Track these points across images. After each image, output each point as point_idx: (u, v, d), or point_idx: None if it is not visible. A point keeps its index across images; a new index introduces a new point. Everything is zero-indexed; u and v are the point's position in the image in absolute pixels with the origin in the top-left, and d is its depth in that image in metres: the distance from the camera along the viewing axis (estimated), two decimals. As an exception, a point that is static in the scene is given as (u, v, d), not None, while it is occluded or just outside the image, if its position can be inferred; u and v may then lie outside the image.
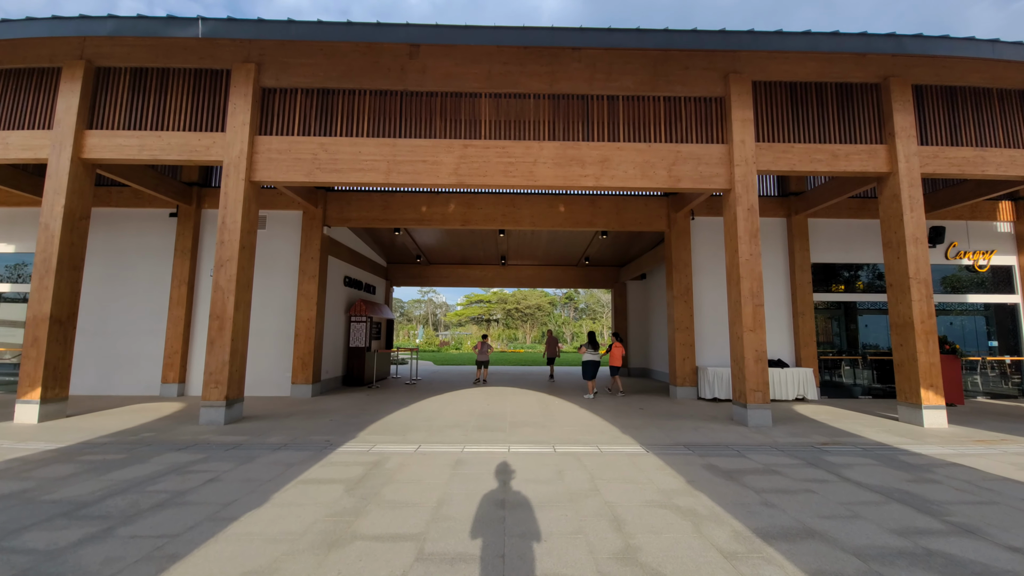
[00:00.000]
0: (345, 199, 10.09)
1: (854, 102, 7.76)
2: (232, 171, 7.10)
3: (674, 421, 7.15)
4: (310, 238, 9.75)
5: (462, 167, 7.27)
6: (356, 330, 11.50)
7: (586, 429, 6.51)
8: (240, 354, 6.97)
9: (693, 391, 9.61)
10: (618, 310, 15.85)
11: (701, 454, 5.23)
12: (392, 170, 7.23)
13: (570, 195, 10.24)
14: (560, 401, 9.30)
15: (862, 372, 10.44)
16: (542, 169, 7.30)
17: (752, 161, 7.30)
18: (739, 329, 7.05)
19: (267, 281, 9.79)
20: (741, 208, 7.18)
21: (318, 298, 9.62)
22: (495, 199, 10.08)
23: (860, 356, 10.38)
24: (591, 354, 10.05)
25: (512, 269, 16.25)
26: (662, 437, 6.05)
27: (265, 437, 5.86)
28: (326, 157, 7.23)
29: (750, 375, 6.86)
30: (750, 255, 7.10)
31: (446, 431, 6.31)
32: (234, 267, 6.90)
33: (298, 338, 9.46)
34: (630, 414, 7.78)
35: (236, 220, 6.99)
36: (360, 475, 4.35)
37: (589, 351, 10.07)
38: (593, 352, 10.06)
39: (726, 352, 9.92)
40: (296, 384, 9.37)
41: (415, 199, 10.08)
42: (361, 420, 6.99)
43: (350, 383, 11.39)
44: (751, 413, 6.79)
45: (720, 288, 10.08)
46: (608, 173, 7.32)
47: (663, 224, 10.16)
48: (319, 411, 7.74)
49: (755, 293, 7.03)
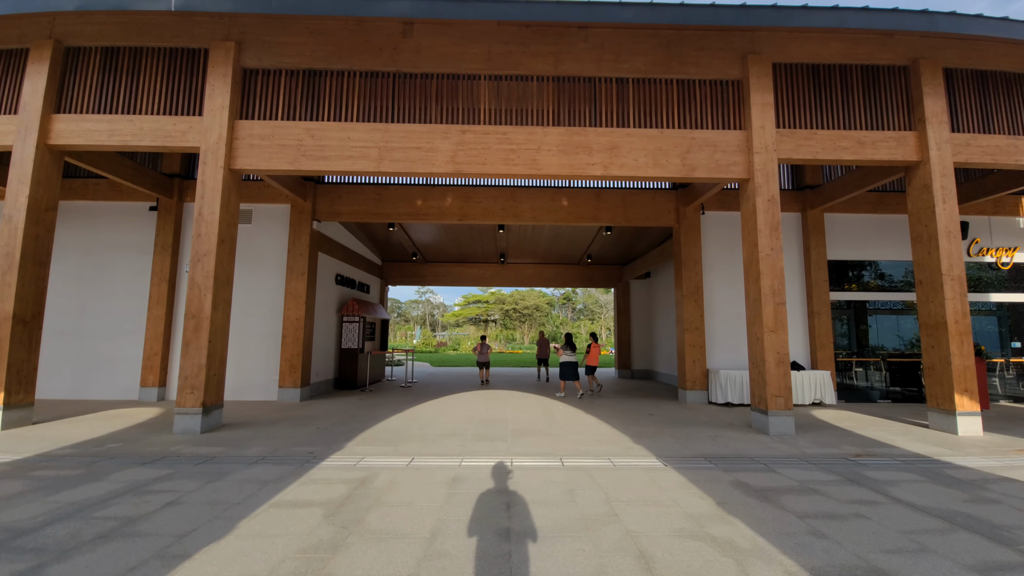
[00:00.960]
0: (336, 192, 9.54)
1: (881, 86, 7.25)
2: (210, 158, 6.54)
3: (688, 429, 6.62)
4: (298, 233, 9.19)
5: (459, 154, 6.73)
6: (348, 331, 10.94)
7: (595, 438, 5.98)
8: (219, 357, 6.41)
9: (703, 395, 9.09)
10: (620, 310, 15.33)
11: (725, 468, 4.70)
12: (384, 157, 6.69)
13: (574, 188, 9.71)
14: (563, 406, 8.76)
15: (878, 375, 9.93)
16: (546, 157, 6.77)
17: (772, 148, 6.78)
18: (759, 330, 6.53)
19: (253, 279, 9.24)
20: (761, 199, 6.66)
21: (307, 297, 9.07)
22: (494, 192, 9.55)
23: (879, 358, 9.86)
24: (568, 355, 10.24)
25: (511, 267, 15.71)
26: (679, 448, 5.51)
27: (243, 449, 5.30)
28: (312, 143, 6.68)
29: (771, 379, 6.34)
30: (771, 250, 6.58)
31: (442, 441, 5.77)
32: (212, 262, 6.34)
33: (285, 339, 8.90)
34: (639, 420, 7.25)
35: (214, 211, 6.44)
36: (343, 496, 3.81)
37: (566, 352, 10.25)
38: (570, 353, 10.23)
39: (739, 354, 9.41)
40: (283, 388, 8.81)
41: (410, 192, 9.54)
42: (350, 428, 6.44)
43: (342, 386, 10.83)
44: (773, 421, 6.27)
45: (732, 286, 9.57)
46: (617, 161, 6.80)
47: (672, 219, 9.64)
48: (306, 417, 7.19)
49: (776, 291, 6.51)
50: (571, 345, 10.16)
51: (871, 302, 10.11)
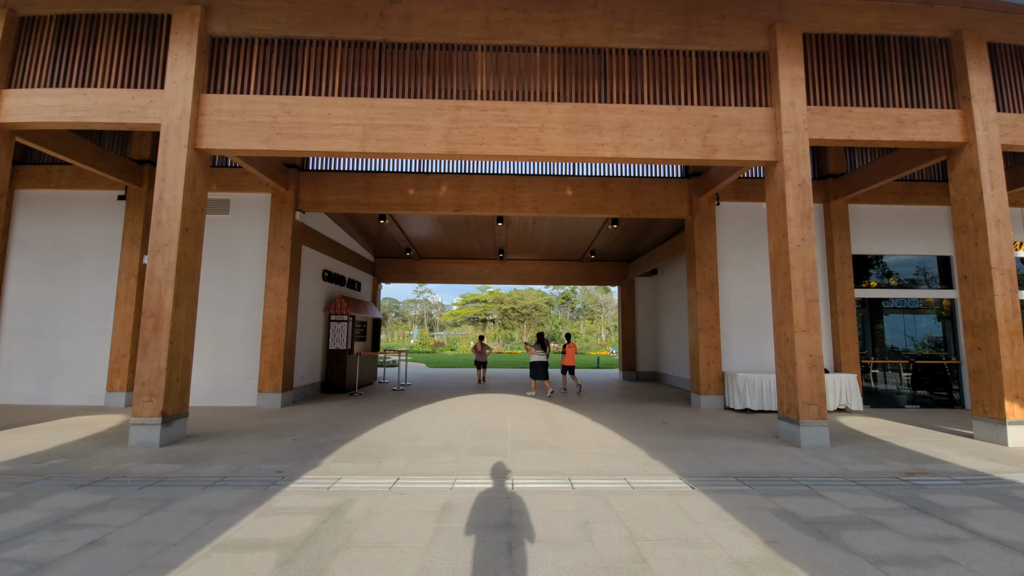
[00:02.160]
0: (320, 180, 8.81)
1: (921, 59, 6.57)
2: (172, 136, 5.82)
3: (709, 440, 5.93)
4: (279, 224, 8.46)
5: (454, 133, 6.02)
6: (336, 330, 10.22)
7: (606, 451, 5.28)
8: (182, 359, 5.69)
9: (719, 400, 8.40)
10: (625, 309, 14.64)
11: (763, 491, 4.01)
12: (369, 136, 5.97)
13: (579, 176, 9.00)
14: (568, 412, 8.06)
15: (895, 377, 9.25)
16: (550, 136, 6.06)
17: (803, 127, 6.08)
18: (788, 329, 5.84)
19: (231, 274, 8.51)
20: (791, 184, 5.97)
21: (289, 293, 8.35)
22: (493, 181, 8.84)
23: (907, 360, 9.18)
24: (539, 354, 10.22)
25: (511, 264, 15.00)
26: (703, 464, 4.82)
27: (202, 466, 4.59)
28: (288, 120, 5.96)
29: (803, 385, 5.65)
30: (801, 240, 5.88)
31: (433, 455, 5.06)
32: (174, 253, 5.62)
33: (265, 340, 8.18)
34: (653, 430, 6.55)
35: (177, 196, 5.71)
36: (307, 532, 3.10)
37: (538, 351, 10.23)
38: (541, 353, 10.24)
39: (757, 356, 8.72)
40: (263, 393, 8.09)
41: (401, 180, 8.82)
42: (331, 440, 5.73)
43: (330, 390, 10.12)
44: (805, 432, 5.58)
45: (749, 283, 8.88)
46: (630, 142, 6.09)
47: (684, 210, 8.94)
48: (284, 427, 6.47)
49: (808, 286, 5.82)
50: (543, 344, 10.33)
51: (887, 300, 9.43)
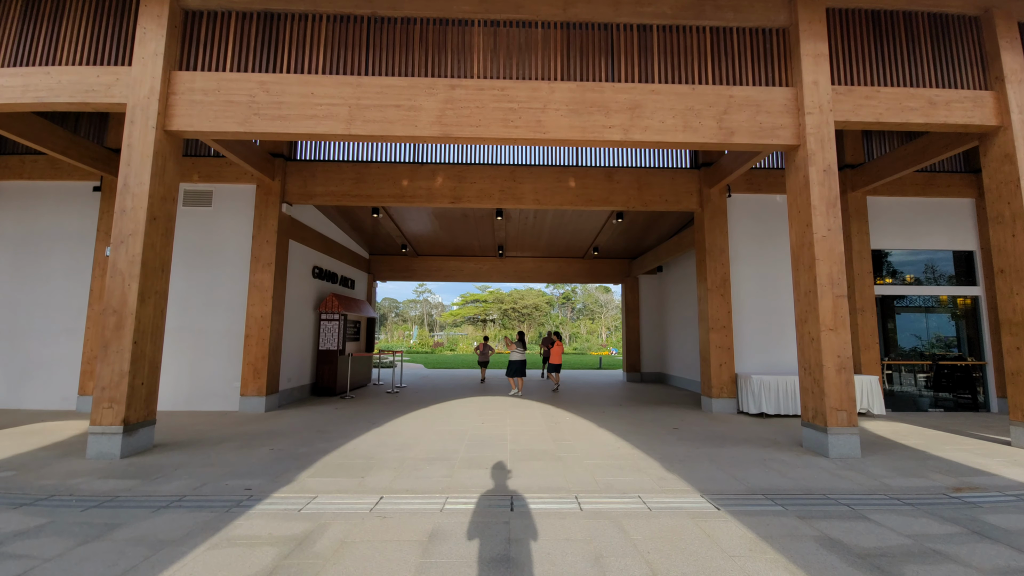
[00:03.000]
0: (309, 170, 8.31)
1: (950, 38, 6.09)
2: (139, 116, 5.32)
3: (727, 449, 5.42)
4: (265, 217, 7.96)
5: (448, 114, 5.52)
6: (327, 330, 9.71)
7: (615, 463, 4.77)
8: (148, 361, 5.18)
9: (731, 404, 7.90)
10: (629, 308, 14.13)
11: (799, 513, 3.50)
12: (355, 117, 5.47)
13: (582, 167, 8.51)
14: (571, 417, 7.55)
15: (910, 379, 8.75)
16: (553, 118, 5.57)
17: (828, 108, 5.60)
18: (813, 328, 5.34)
19: (213, 270, 8.01)
20: (815, 169, 5.47)
21: (275, 290, 7.84)
22: (492, 171, 8.34)
23: (930, 361, 8.68)
24: (518, 353, 10.19)
25: (511, 262, 14.49)
26: (725, 478, 4.31)
27: (161, 483, 4.08)
28: (267, 100, 5.46)
29: (831, 389, 5.14)
30: (827, 230, 5.39)
31: (424, 468, 4.55)
32: (139, 244, 5.12)
33: (249, 340, 7.67)
34: (664, 437, 6.05)
35: (143, 182, 5.21)
36: (266, 571, 2.59)
37: (517, 350, 10.18)
38: (521, 352, 10.21)
39: (772, 357, 8.22)
40: (246, 397, 7.57)
41: (394, 171, 8.32)
42: (313, 450, 5.22)
43: (320, 392, 9.61)
44: (834, 440, 5.08)
45: (763, 280, 8.38)
46: (640, 124, 5.60)
47: (694, 202, 8.45)
48: (263, 434, 5.96)
49: (836, 280, 5.32)
50: (523, 343, 10.41)
51: (898, 299, 8.92)
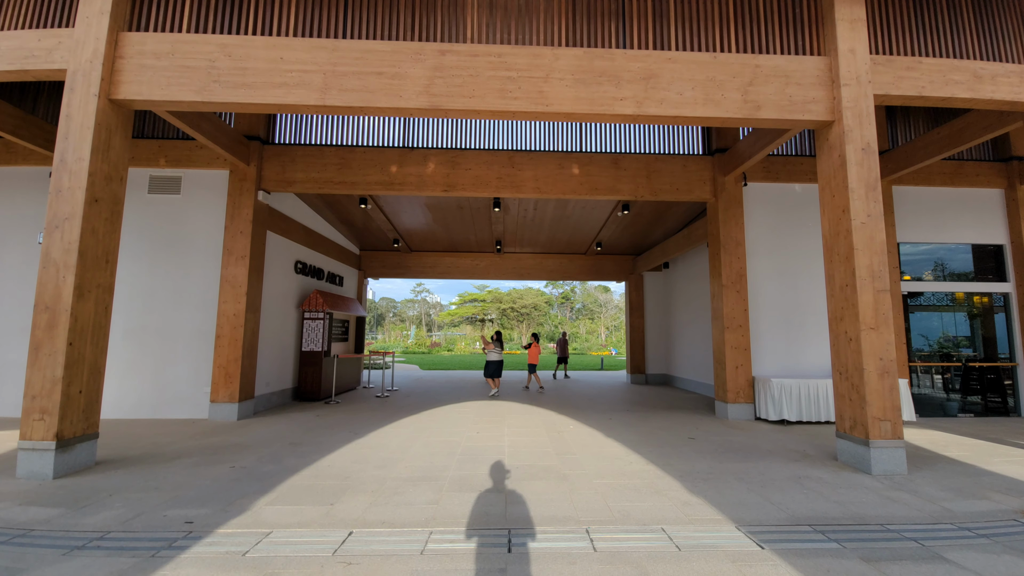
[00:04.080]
0: (288, 155, 7.61)
1: (993, 6, 5.47)
2: (80, 82, 4.62)
3: (753, 464, 4.78)
4: (239, 205, 7.26)
5: (437, 83, 4.85)
6: (311, 329, 9.02)
7: (629, 482, 4.12)
8: (88, 365, 4.49)
9: (748, 409, 7.26)
10: (633, 306, 13.50)
11: (860, 551, 2.86)
12: (331, 86, 4.79)
13: (586, 153, 7.85)
14: (575, 425, 6.90)
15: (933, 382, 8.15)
16: (557, 89, 4.91)
17: (866, 79, 4.96)
18: (851, 327, 4.70)
19: (181, 264, 7.30)
20: (852, 148, 4.84)
21: (249, 286, 7.14)
22: (488, 157, 7.67)
23: (959, 363, 8.07)
24: (495, 353, 10.02)
25: (509, 258, 13.82)
26: (760, 503, 3.66)
27: (88, 513, 3.39)
28: (229, 65, 4.77)
29: (873, 396, 4.51)
30: (867, 216, 4.75)
31: (406, 492, 3.89)
32: (76, 229, 4.42)
33: (220, 340, 6.97)
34: (681, 449, 5.40)
35: (82, 157, 4.51)
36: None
37: (495, 350, 10.02)
38: (499, 352, 10.05)
39: (792, 359, 7.58)
40: (216, 403, 6.87)
41: (382, 156, 7.63)
42: (281, 467, 4.54)
43: (303, 397, 8.91)
44: (877, 455, 4.44)
45: (782, 276, 7.75)
46: (655, 96, 4.94)
47: (707, 191, 7.81)
48: (229, 448, 5.27)
49: (877, 273, 4.69)
50: (500, 343, 10.17)
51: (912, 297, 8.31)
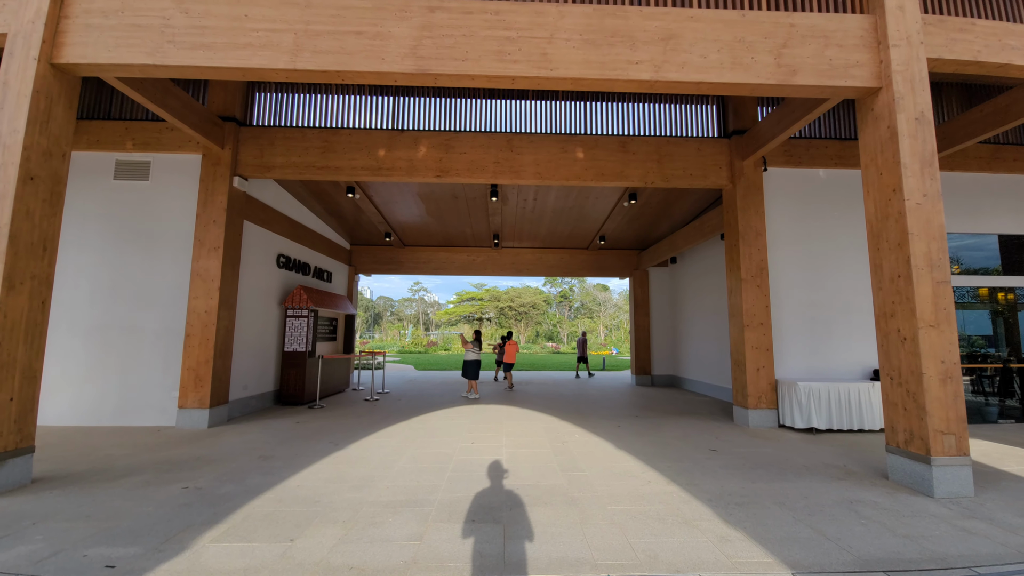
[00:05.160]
0: (267, 137, 6.97)
1: (1062, -41, 4.83)
2: (19, 45, 4.00)
3: (791, 483, 4.14)
4: (212, 192, 6.62)
5: (425, 44, 4.21)
6: (294, 328, 8.38)
7: (650, 508, 3.49)
8: (20, 369, 3.85)
9: (772, 415, 6.63)
10: (638, 303, 12.87)
11: (959, 612, 2.22)
12: (302, 47, 4.16)
13: (591, 135, 7.21)
14: (580, 433, 6.26)
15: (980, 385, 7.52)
16: (563, 51, 4.27)
17: (918, 40, 4.33)
18: (906, 324, 4.07)
19: (151, 256, 6.67)
20: (905, 117, 4.21)
21: (223, 280, 6.51)
22: (484, 140, 7.03)
23: (999, 364, 7.44)
24: (474, 352, 9.65)
25: (508, 253, 13.18)
26: (813, 538, 3.03)
27: None
28: (186, 23, 4.14)
29: (935, 405, 3.88)
30: (923, 196, 4.12)
31: (384, 523, 3.25)
32: (7, 211, 3.79)
33: (190, 340, 6.33)
34: (702, 463, 4.77)
35: (17, 128, 3.88)
36: None
37: (473, 349, 9.67)
38: (477, 351, 9.70)
39: (818, 360, 6.94)
40: (185, 409, 6.23)
41: (368, 139, 6.99)
42: (241, 488, 3.91)
43: (286, 401, 8.27)
44: (940, 474, 3.81)
45: (806, 269, 7.10)
46: (675, 59, 4.31)
47: (723, 177, 7.17)
48: (189, 462, 4.64)
49: (936, 261, 4.06)
50: (479, 343, 9.80)
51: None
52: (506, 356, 11.74)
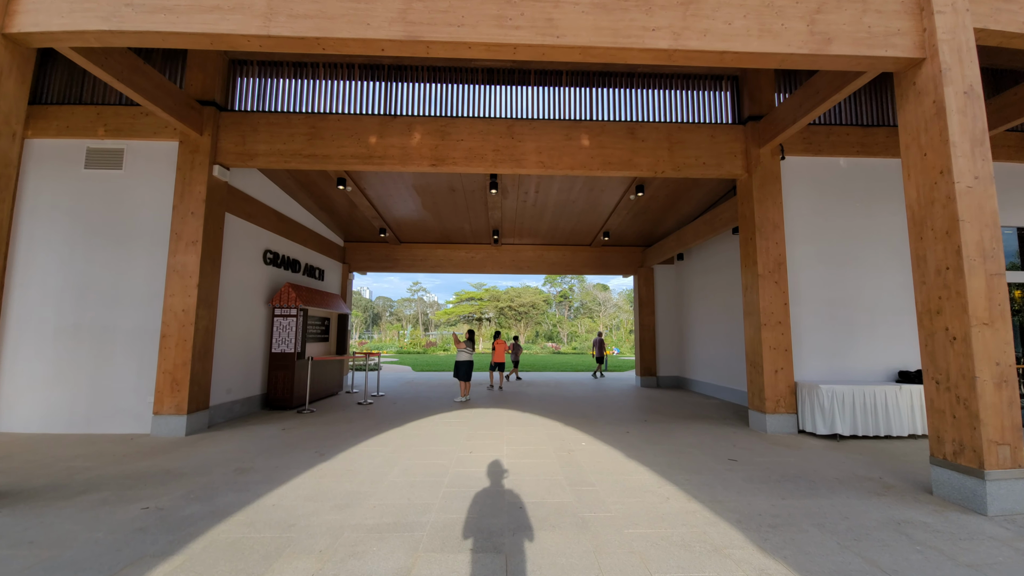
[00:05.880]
0: (249, 123, 6.51)
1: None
2: (-49, 6, 3.54)
3: (825, 499, 3.71)
4: (189, 182, 6.17)
5: (416, 8, 3.77)
6: (282, 328, 7.93)
7: (673, 532, 3.05)
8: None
9: (791, 421, 6.20)
10: (643, 302, 12.43)
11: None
12: (278, 11, 3.71)
13: (597, 121, 6.77)
14: (587, 440, 5.83)
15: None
16: (571, 16, 3.83)
17: (963, 7, 3.90)
18: (955, 322, 3.64)
19: (124, 251, 6.22)
20: (952, 91, 3.77)
21: (202, 276, 6.06)
22: (483, 126, 6.58)
23: None
24: (466, 353, 9.24)
25: (507, 250, 12.73)
26: (866, 570, 2.60)
27: None
28: (146, -16, 3.69)
29: (989, 412, 3.45)
30: (975, 179, 3.69)
31: (367, 552, 2.81)
32: (-63, 195, 3.34)
33: (166, 341, 5.88)
34: (723, 476, 4.34)
35: (-51, 100, 3.43)
36: None
37: (466, 350, 9.25)
38: (470, 351, 9.29)
39: (839, 362, 6.51)
40: (160, 416, 5.78)
41: (358, 124, 6.54)
42: (208, 509, 3.46)
43: (274, 405, 7.82)
44: (995, 489, 3.38)
45: (828, 264, 6.67)
46: (696, 25, 3.87)
47: (738, 166, 6.73)
48: (156, 476, 4.19)
49: (989, 252, 3.62)
50: (472, 343, 9.42)
51: None
52: (495, 356, 11.57)
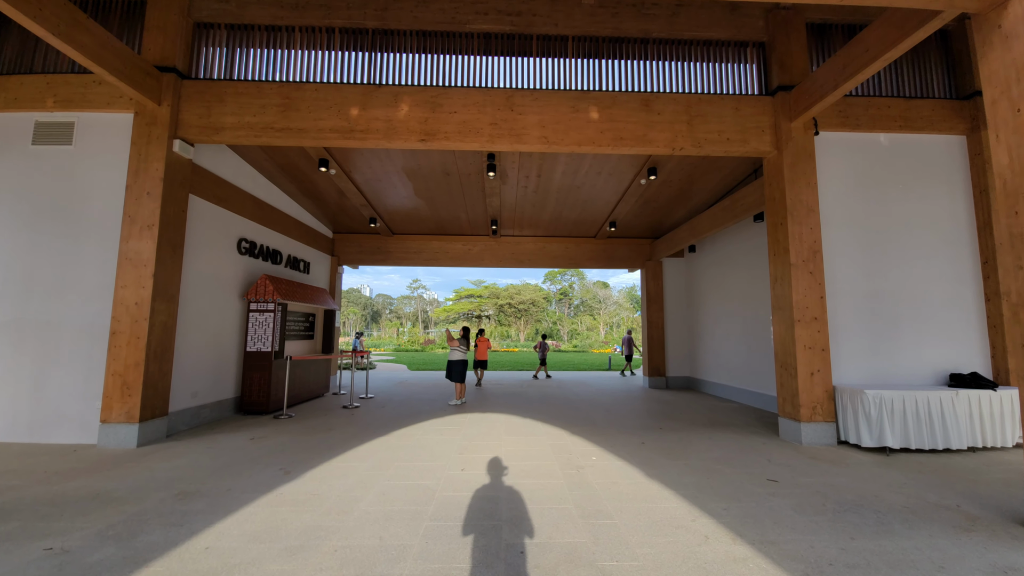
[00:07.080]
0: (214, 93, 5.76)
1: None
2: None
3: (906, 539, 2.98)
4: (145, 158, 5.43)
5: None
6: (258, 324, 7.20)
7: (721, 591, 2.33)
8: None
9: (829, 430, 5.45)
10: (651, 297, 11.68)
11: None
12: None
13: (608, 92, 6.01)
14: (598, 453, 5.09)
15: None
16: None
17: (1072, -75, 3.14)
18: (1061, 316, 2.89)
19: (73, 237, 5.49)
20: (1061, 27, 3.02)
21: (159, 265, 5.32)
22: (480, 97, 5.83)
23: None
24: (460, 352, 8.67)
25: (507, 242, 11.98)
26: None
27: None
28: None
29: (1116, 431, 2.70)
30: (1091, 136, 2.94)
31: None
32: None
33: (116, 338, 5.15)
34: (765, 500, 3.61)
35: None
36: None
37: (459, 348, 8.67)
38: (464, 350, 8.72)
39: (884, 363, 5.76)
40: (109, 424, 5.05)
41: (339, 95, 5.79)
42: (125, 552, 2.74)
43: (249, 409, 7.09)
44: None
45: (868, 252, 5.92)
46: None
47: (766, 142, 5.98)
48: (80, 502, 3.46)
49: (1112, 227, 2.88)
50: (467, 341, 8.84)
51: None
52: (478, 353, 11.66)
